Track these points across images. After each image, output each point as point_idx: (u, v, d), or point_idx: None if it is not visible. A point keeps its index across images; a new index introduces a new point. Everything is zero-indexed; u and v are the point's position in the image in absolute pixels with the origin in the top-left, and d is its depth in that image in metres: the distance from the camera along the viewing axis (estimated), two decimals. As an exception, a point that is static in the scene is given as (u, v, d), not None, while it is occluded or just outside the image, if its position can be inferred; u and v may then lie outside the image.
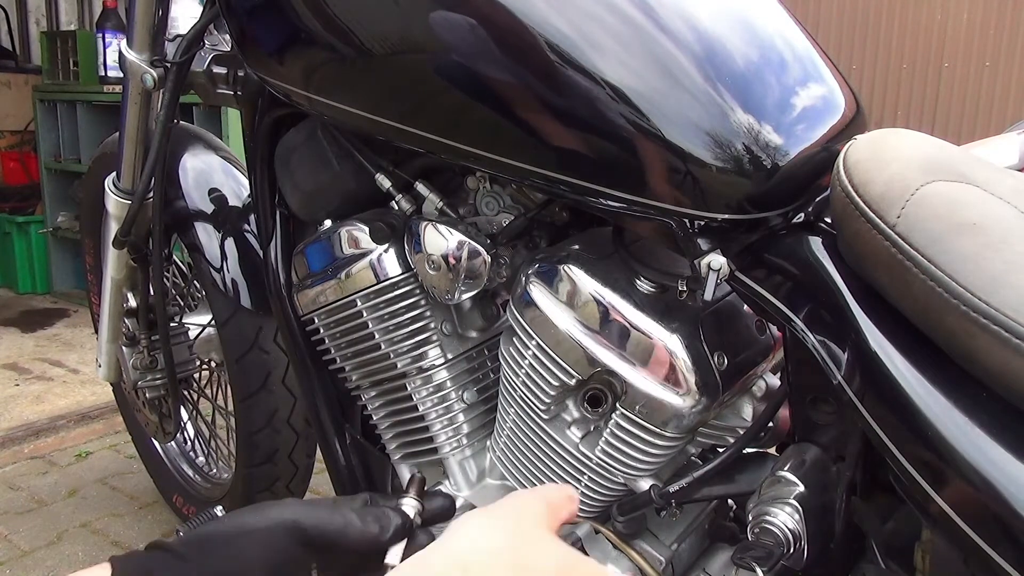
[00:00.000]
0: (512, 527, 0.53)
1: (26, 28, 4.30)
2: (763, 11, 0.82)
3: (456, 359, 0.96)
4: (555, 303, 0.81)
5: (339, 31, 0.83)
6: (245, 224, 1.36)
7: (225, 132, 2.44)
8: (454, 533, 0.52)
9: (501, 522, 0.53)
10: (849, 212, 0.66)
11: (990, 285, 0.57)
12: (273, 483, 1.46)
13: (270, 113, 1.02)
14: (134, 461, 1.91)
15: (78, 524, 1.76)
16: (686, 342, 0.78)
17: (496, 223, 0.91)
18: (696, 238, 0.73)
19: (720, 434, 0.87)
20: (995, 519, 0.54)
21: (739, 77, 0.74)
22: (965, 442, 0.56)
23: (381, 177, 0.94)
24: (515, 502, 0.56)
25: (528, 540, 0.52)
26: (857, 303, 0.66)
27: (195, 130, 1.51)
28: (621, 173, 0.73)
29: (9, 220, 3.35)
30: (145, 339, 1.42)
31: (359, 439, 1.09)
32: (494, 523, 0.53)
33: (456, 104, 0.78)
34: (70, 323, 3.08)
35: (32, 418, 2.23)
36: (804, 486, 0.73)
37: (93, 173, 1.62)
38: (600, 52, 0.72)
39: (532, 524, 0.54)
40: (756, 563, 0.71)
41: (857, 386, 0.64)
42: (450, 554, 0.50)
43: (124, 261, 1.36)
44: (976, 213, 0.61)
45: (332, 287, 0.97)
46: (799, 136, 0.74)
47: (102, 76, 2.91)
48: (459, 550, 0.50)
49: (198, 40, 1.08)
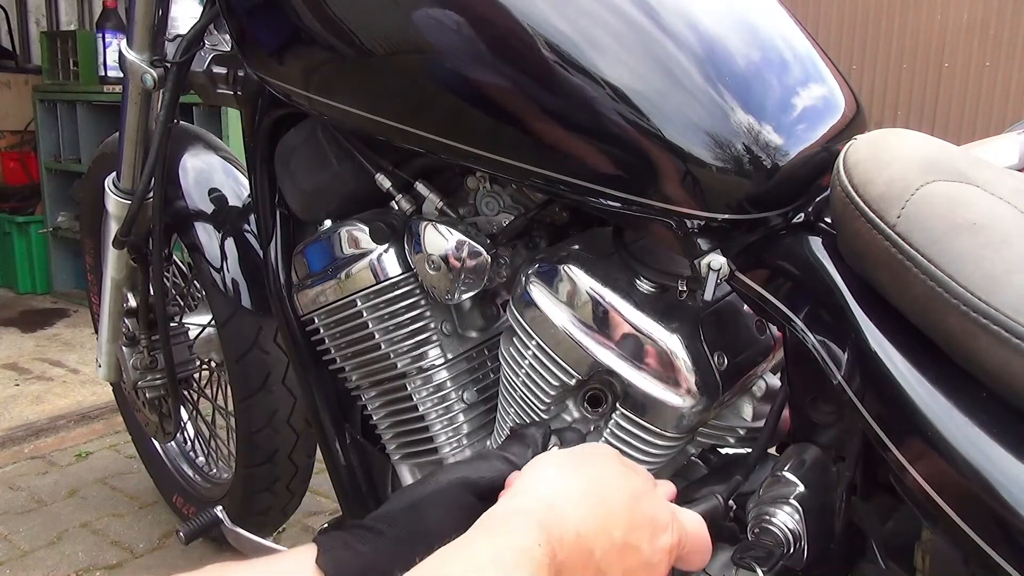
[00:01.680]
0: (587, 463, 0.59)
1: (26, 28, 4.30)
2: (763, 11, 0.82)
3: (456, 359, 0.96)
4: (555, 303, 0.81)
5: (339, 31, 0.83)
6: (245, 224, 1.36)
7: (225, 132, 2.44)
8: (534, 475, 0.58)
9: (575, 459, 0.59)
10: (849, 212, 0.66)
11: (990, 285, 0.57)
12: (273, 483, 1.46)
13: (270, 113, 1.02)
14: (134, 461, 1.91)
15: (78, 524, 1.76)
16: (686, 342, 0.78)
17: (496, 223, 0.91)
18: (696, 238, 0.73)
19: (720, 434, 0.87)
20: (995, 519, 0.54)
21: (739, 77, 0.74)
22: (965, 442, 0.56)
23: (381, 177, 0.94)
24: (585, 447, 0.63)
25: (603, 473, 0.58)
26: (857, 303, 0.66)
27: (195, 130, 1.51)
28: (621, 173, 0.73)
29: (9, 220, 3.35)
30: (145, 339, 1.42)
31: (359, 439, 1.09)
32: (568, 461, 0.59)
33: (456, 104, 0.78)
34: (70, 323, 3.08)
35: (32, 418, 2.22)
36: (804, 486, 0.73)
37: (93, 173, 1.62)
38: (600, 52, 0.72)
39: (604, 459, 0.60)
40: (756, 563, 0.71)
41: (857, 386, 0.64)
42: (537, 495, 0.55)
43: (124, 261, 1.36)
44: (976, 213, 0.61)
45: (332, 287, 0.97)
46: (799, 136, 0.74)
47: (102, 76, 2.91)
48: (543, 487, 0.56)
49: (198, 40, 1.08)
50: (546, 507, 0.53)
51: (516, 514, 0.53)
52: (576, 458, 0.60)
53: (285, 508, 1.54)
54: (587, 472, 0.58)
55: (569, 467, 0.58)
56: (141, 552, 1.67)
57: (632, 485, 0.59)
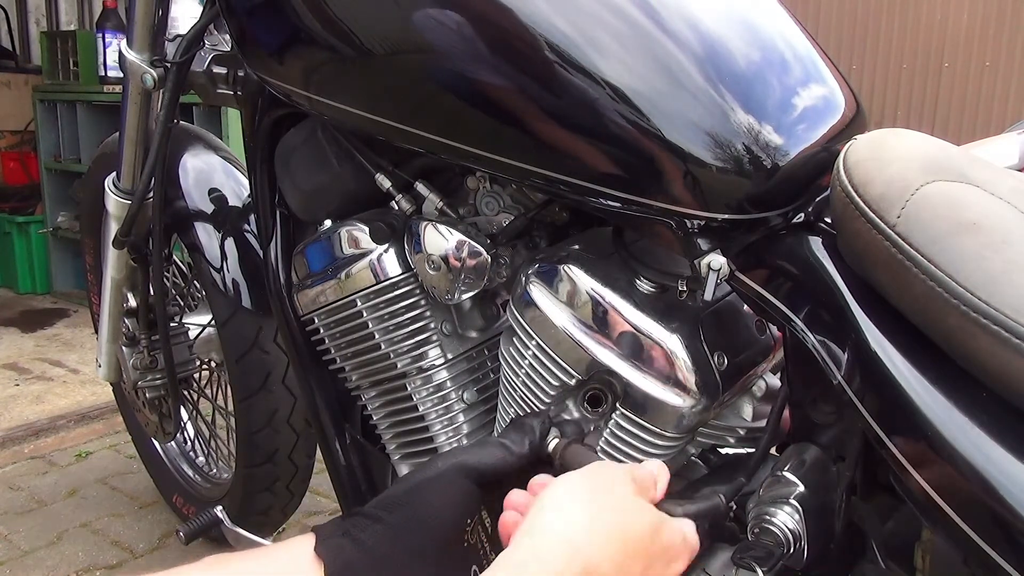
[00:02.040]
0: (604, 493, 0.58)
1: (26, 28, 4.30)
2: (763, 11, 0.82)
3: (456, 359, 0.96)
4: (555, 303, 0.81)
5: (339, 31, 0.83)
6: (245, 224, 1.36)
7: (225, 132, 2.44)
8: (553, 510, 0.56)
9: (591, 490, 0.57)
10: (849, 212, 0.66)
11: (990, 285, 0.57)
12: (273, 483, 1.46)
13: (270, 113, 1.02)
14: (134, 461, 1.91)
15: (78, 524, 1.76)
16: (686, 342, 0.78)
17: (496, 223, 0.91)
18: (696, 238, 0.73)
19: (720, 434, 0.87)
20: (995, 519, 0.54)
21: (739, 77, 0.74)
22: (965, 442, 0.56)
23: (381, 177, 0.94)
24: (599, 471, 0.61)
25: (620, 506, 0.57)
26: (857, 303, 0.66)
27: (195, 130, 1.51)
28: (621, 173, 0.73)
29: (9, 220, 3.34)
30: (145, 339, 1.42)
31: (359, 439, 1.09)
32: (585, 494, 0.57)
33: (456, 104, 0.78)
34: (70, 323, 3.08)
35: (32, 418, 2.22)
36: (804, 486, 0.73)
37: (93, 173, 1.62)
38: (600, 52, 0.72)
39: (624, 492, 0.59)
40: (756, 563, 0.71)
41: (857, 386, 0.64)
42: (558, 537, 0.54)
43: (124, 261, 1.36)
44: (976, 213, 0.61)
45: (332, 287, 0.97)
46: (799, 136, 0.74)
47: (102, 76, 2.91)
48: (567, 531, 0.54)
49: (198, 40, 1.08)
50: (569, 551, 0.52)
51: (537, 560, 0.52)
52: (592, 488, 0.58)
53: (285, 508, 1.54)
54: (605, 507, 0.57)
55: (586, 501, 0.57)
56: (141, 552, 1.67)
57: (649, 518, 0.59)
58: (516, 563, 0.52)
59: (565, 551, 0.52)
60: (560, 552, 0.52)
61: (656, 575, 0.58)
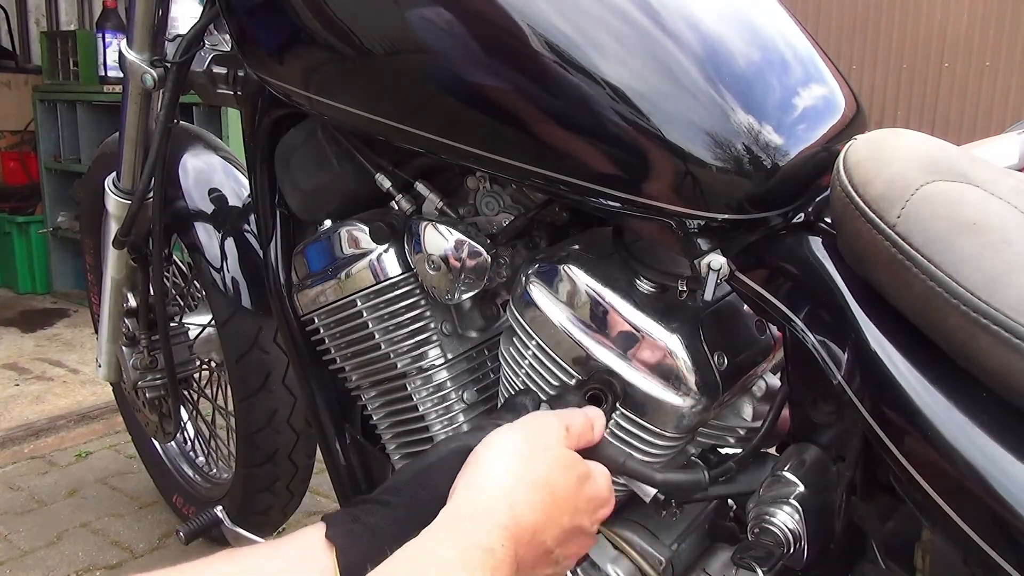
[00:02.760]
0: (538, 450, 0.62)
1: (26, 28, 4.30)
2: (763, 11, 0.82)
3: (456, 359, 0.96)
4: (555, 303, 0.81)
5: (339, 31, 0.83)
6: (245, 224, 1.36)
7: (225, 132, 2.44)
8: (488, 463, 0.60)
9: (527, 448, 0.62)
10: (849, 212, 0.66)
11: (990, 285, 0.57)
12: (273, 483, 1.46)
13: (270, 113, 1.02)
14: (134, 461, 1.91)
15: (78, 524, 1.76)
16: (686, 342, 0.78)
17: (496, 223, 0.91)
18: (696, 238, 0.73)
19: (720, 434, 0.87)
20: (995, 519, 0.54)
21: (739, 77, 0.74)
22: (965, 442, 0.56)
23: (381, 177, 0.94)
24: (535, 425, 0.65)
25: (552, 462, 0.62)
26: (857, 303, 0.66)
27: (195, 130, 1.51)
28: (621, 173, 0.73)
29: (9, 220, 3.34)
30: (145, 339, 1.42)
31: (359, 439, 1.09)
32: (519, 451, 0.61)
33: (456, 104, 0.78)
34: (70, 323, 3.08)
35: (32, 418, 2.22)
36: (804, 486, 0.73)
37: (93, 173, 1.62)
38: (600, 52, 0.72)
39: (555, 442, 0.64)
40: (756, 563, 0.71)
41: (857, 386, 0.64)
42: (494, 490, 0.58)
43: (124, 261, 1.36)
44: (976, 213, 0.61)
45: (332, 287, 0.97)
46: (799, 136, 0.74)
47: (102, 76, 2.91)
48: (500, 484, 0.59)
49: (198, 40, 1.08)
50: (506, 508, 0.57)
51: (479, 515, 0.56)
52: (527, 446, 0.62)
53: (285, 508, 1.54)
54: (538, 464, 0.61)
55: (520, 459, 0.61)
56: (141, 552, 1.67)
57: (578, 471, 0.64)
58: (453, 515, 0.56)
59: (497, 502, 0.57)
60: (492, 503, 0.57)
61: (583, 521, 0.63)
